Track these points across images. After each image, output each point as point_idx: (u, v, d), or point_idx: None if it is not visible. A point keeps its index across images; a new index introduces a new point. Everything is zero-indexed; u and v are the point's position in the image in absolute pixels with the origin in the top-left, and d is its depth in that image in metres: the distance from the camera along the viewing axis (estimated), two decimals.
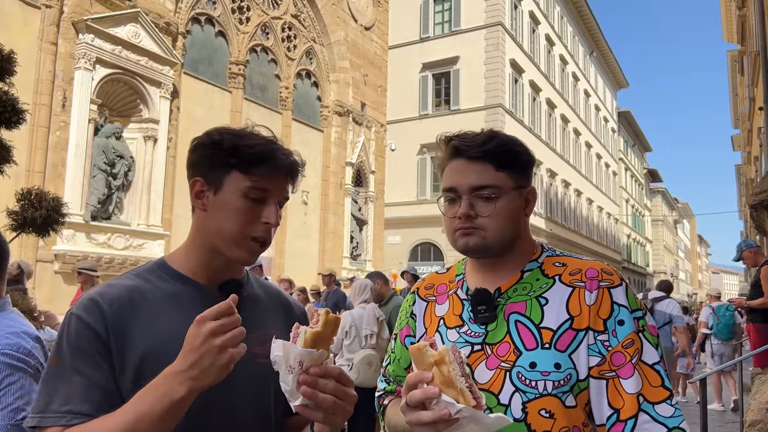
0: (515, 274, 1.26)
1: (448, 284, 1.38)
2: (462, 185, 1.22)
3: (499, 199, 1.21)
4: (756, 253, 6.58)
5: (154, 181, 11.74)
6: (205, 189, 1.15)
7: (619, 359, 1.14)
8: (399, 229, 23.69)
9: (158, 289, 1.14)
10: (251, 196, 1.13)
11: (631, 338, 1.14)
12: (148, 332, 1.07)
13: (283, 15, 16.00)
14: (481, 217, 1.21)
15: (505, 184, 1.22)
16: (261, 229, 1.15)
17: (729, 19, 22.39)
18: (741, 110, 24.12)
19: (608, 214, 39.99)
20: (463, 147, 1.23)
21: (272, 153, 1.14)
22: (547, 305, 1.19)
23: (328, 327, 1.00)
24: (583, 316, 1.16)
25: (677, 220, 70.32)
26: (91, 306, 1.06)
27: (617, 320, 1.16)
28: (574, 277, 1.21)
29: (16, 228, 6.37)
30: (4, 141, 5.61)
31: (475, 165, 1.22)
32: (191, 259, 1.18)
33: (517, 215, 1.25)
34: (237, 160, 1.12)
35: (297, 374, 0.98)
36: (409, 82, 25.07)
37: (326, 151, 17.04)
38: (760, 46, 10.54)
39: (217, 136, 1.15)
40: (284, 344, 0.98)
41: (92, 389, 1.00)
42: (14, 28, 9.72)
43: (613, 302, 1.17)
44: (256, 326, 1.17)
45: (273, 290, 1.35)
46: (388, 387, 1.44)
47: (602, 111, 39.73)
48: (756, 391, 5.86)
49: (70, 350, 1.03)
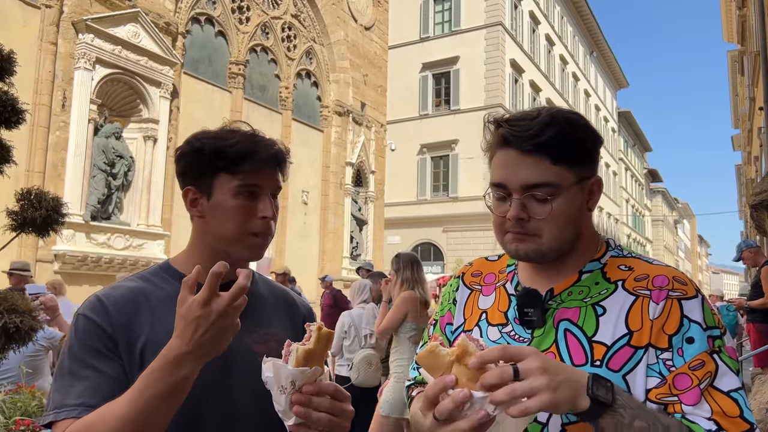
0: (572, 275, 1.09)
1: (497, 274, 1.22)
2: (512, 182, 1.04)
3: (556, 199, 1.03)
4: (756, 253, 6.58)
5: (154, 181, 11.74)
6: (198, 196, 1.17)
7: (683, 382, 0.95)
8: (399, 229, 23.68)
9: (161, 290, 1.16)
10: (243, 194, 1.14)
11: (701, 359, 0.96)
12: (149, 333, 1.09)
13: (283, 15, 15.99)
14: (534, 220, 1.04)
15: (564, 180, 1.03)
16: (259, 224, 1.16)
17: (729, 19, 22.39)
18: (741, 110, 24.13)
19: (608, 214, 39.99)
20: (513, 137, 1.04)
21: (254, 147, 1.14)
22: (603, 315, 1.03)
23: (321, 343, 0.97)
24: (644, 332, 0.99)
25: (677, 220, 70.31)
26: (96, 305, 1.10)
27: (685, 337, 0.97)
28: (639, 284, 1.03)
29: (16, 228, 6.36)
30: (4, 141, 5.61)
31: (528, 158, 1.02)
32: (194, 262, 1.18)
33: (578, 213, 1.07)
34: (222, 163, 1.13)
35: (289, 394, 0.95)
36: (409, 82, 25.07)
37: (326, 151, 17.04)
38: (760, 46, 10.54)
39: (197, 143, 1.16)
40: (275, 364, 0.95)
41: (104, 383, 1.03)
42: (14, 28, 9.72)
43: (683, 316, 0.98)
44: (259, 325, 1.19)
45: (279, 290, 1.36)
46: (419, 377, 1.27)
47: (602, 111, 39.74)
48: (756, 391, 5.86)
49: (80, 347, 1.06)
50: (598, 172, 1.11)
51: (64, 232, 9.83)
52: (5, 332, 3.25)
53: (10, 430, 2.80)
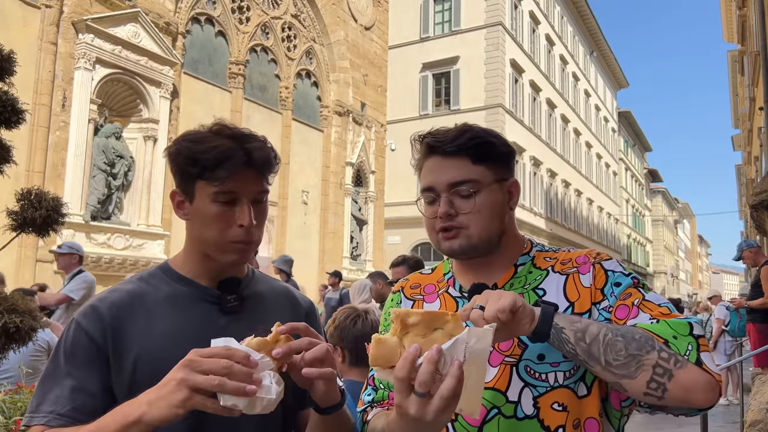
0: (509, 269, 1.21)
1: (436, 284, 1.30)
2: (439, 183, 1.17)
3: (479, 194, 1.15)
4: (756, 253, 6.59)
5: (154, 181, 11.74)
6: (183, 199, 1.17)
7: (622, 312, 1.08)
8: (399, 229, 23.68)
9: (159, 292, 1.17)
10: (221, 200, 1.11)
11: (629, 291, 1.11)
12: (142, 335, 1.10)
13: (283, 15, 15.99)
14: (461, 215, 1.15)
15: (484, 177, 1.16)
16: (237, 232, 1.13)
17: (729, 19, 22.39)
18: (741, 110, 24.13)
19: (608, 214, 39.98)
20: (436, 143, 1.18)
21: (230, 153, 1.09)
22: (545, 296, 1.15)
23: (279, 343, 0.96)
24: (583, 299, 1.12)
25: (677, 220, 70.30)
26: (90, 312, 1.11)
27: (613, 283, 1.12)
28: (566, 266, 1.18)
29: (16, 228, 6.37)
30: (4, 141, 5.60)
31: (451, 161, 1.16)
32: (190, 263, 1.21)
33: (500, 210, 1.19)
34: (196, 169, 1.11)
35: None
36: (409, 82, 25.06)
37: (326, 151, 17.04)
38: (760, 46, 10.54)
39: (174, 147, 1.15)
40: (226, 340, 0.93)
41: (79, 393, 1.05)
42: (14, 28, 9.72)
43: (606, 271, 1.14)
44: (258, 322, 1.17)
45: (279, 287, 1.35)
46: (377, 395, 1.28)
47: (602, 111, 39.72)
48: (756, 391, 5.85)
49: (65, 355, 1.09)
50: (515, 176, 1.26)
51: (64, 232, 9.83)
52: (5, 332, 3.25)
53: (10, 430, 2.80)
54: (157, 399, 0.89)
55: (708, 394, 0.96)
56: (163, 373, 0.94)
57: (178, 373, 0.89)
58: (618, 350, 0.98)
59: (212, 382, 0.86)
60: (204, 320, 1.15)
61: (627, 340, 0.98)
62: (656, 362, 0.96)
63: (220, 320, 1.17)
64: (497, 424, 1.09)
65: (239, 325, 1.15)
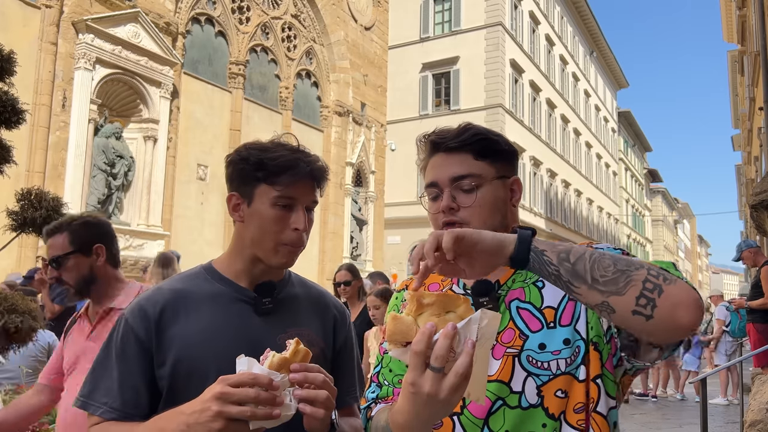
0: None
1: (440, 282, 1.30)
2: (442, 178, 1.20)
3: (480, 189, 1.18)
4: (756, 253, 6.59)
5: (154, 181, 11.74)
6: (240, 202, 1.27)
7: None
8: (399, 229, 23.67)
9: (201, 291, 1.28)
10: (279, 204, 1.24)
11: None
12: (183, 333, 1.22)
13: (283, 15, 16.00)
14: (463, 209, 1.17)
15: (486, 172, 1.19)
16: (291, 235, 1.27)
17: (729, 19, 22.39)
18: (741, 110, 24.13)
19: (608, 214, 39.98)
20: (440, 140, 1.22)
21: (295, 162, 1.24)
22: (544, 288, 1.15)
23: (297, 356, 1.03)
24: None
25: (677, 220, 70.30)
26: (137, 311, 1.23)
27: None
28: None
29: (16, 228, 6.38)
30: (4, 141, 5.61)
31: (454, 156, 1.20)
32: (234, 265, 1.31)
33: (502, 205, 1.21)
34: (263, 173, 1.23)
35: None
36: (409, 82, 25.06)
37: (326, 151, 17.05)
38: (760, 46, 10.55)
39: (244, 152, 1.26)
40: (249, 361, 1.01)
41: (127, 388, 1.19)
42: (14, 28, 9.72)
43: (596, 249, 1.11)
44: (290, 324, 1.31)
45: (315, 291, 1.46)
46: (381, 392, 1.27)
47: (602, 111, 39.72)
48: (756, 391, 5.85)
49: (115, 349, 1.22)
50: (517, 174, 1.27)
51: None
52: (5, 332, 3.25)
53: None
54: (196, 424, 1.00)
55: (694, 311, 0.92)
56: (198, 369, 1.16)
57: (213, 404, 0.99)
58: (606, 266, 0.95)
59: (245, 413, 0.98)
60: (240, 319, 1.26)
61: (615, 258, 0.97)
62: (646, 277, 0.93)
63: (254, 320, 1.28)
64: (503, 415, 1.09)
65: (271, 326, 1.28)
